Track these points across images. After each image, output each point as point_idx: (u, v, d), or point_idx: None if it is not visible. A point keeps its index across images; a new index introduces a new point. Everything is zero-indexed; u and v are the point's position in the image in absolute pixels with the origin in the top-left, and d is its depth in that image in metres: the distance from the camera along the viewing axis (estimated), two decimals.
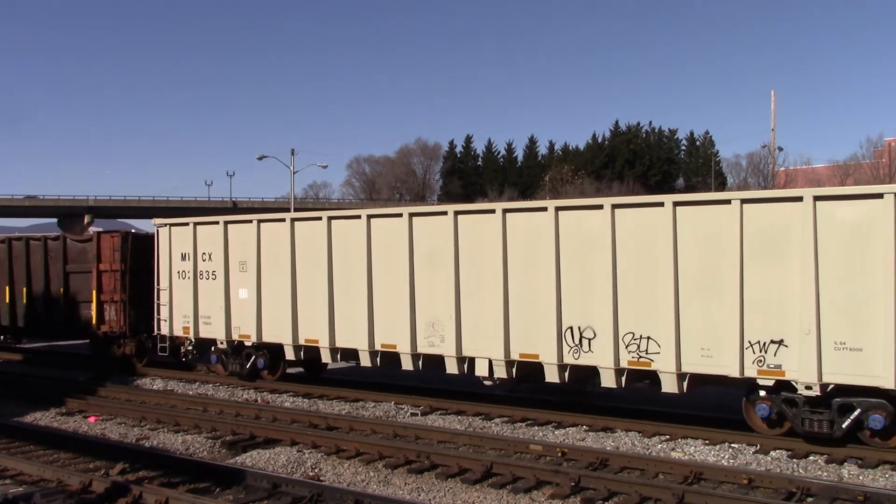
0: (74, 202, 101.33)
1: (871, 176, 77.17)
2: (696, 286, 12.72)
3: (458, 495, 10.40)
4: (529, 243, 14.23)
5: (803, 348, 11.85)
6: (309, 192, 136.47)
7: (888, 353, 11.23)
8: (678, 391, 13.01)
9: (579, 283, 13.74)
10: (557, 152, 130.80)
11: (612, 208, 13.47)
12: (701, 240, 12.70)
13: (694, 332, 12.74)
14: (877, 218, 11.39)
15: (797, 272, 11.93)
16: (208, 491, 10.51)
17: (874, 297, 11.39)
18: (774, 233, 12.16)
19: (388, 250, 15.97)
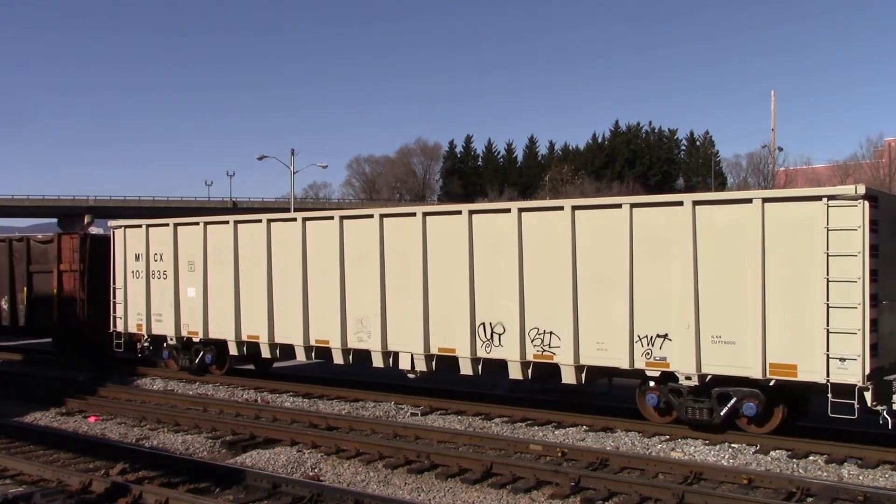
0: (74, 202, 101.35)
1: (872, 176, 77.17)
2: (592, 285, 13.72)
3: (458, 495, 10.40)
4: (447, 245, 15.18)
5: (684, 342, 12.86)
6: (309, 192, 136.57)
7: (756, 346, 12.28)
8: (576, 382, 14.02)
9: (491, 281, 14.70)
10: (557, 152, 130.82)
11: (518, 212, 14.49)
12: (596, 241, 13.71)
13: (590, 328, 13.74)
14: (747, 222, 12.44)
15: (679, 271, 12.93)
16: (208, 491, 10.51)
17: (745, 294, 12.42)
18: (660, 235, 13.17)
19: (321, 251, 16.96)
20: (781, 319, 12.21)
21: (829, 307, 11.80)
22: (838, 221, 11.82)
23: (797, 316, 12.10)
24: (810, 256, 12.00)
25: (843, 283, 11.75)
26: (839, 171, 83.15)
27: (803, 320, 12.05)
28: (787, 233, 12.23)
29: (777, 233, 12.27)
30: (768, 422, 12.86)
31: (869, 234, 11.69)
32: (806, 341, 12.00)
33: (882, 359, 12.08)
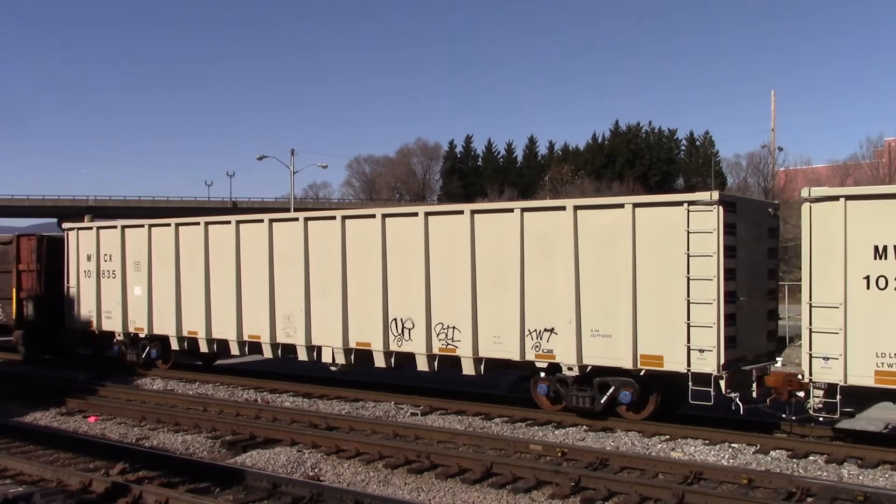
0: (74, 202, 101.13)
1: (871, 176, 77.05)
2: (489, 283, 14.94)
3: (458, 495, 10.40)
4: (364, 247, 16.42)
5: (568, 335, 14.07)
6: (309, 192, 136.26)
7: (629, 339, 13.46)
8: (475, 374, 15.19)
9: (403, 280, 15.91)
10: (557, 152, 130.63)
11: (425, 216, 15.71)
12: (493, 243, 14.90)
13: (488, 323, 14.98)
14: (621, 225, 13.60)
15: (563, 271, 14.09)
16: (208, 491, 10.51)
17: (620, 291, 13.59)
18: (547, 238, 14.34)
19: (253, 252, 18.18)
20: (650, 315, 13.37)
21: (690, 303, 12.94)
22: (697, 225, 12.92)
23: (664, 311, 13.24)
24: (674, 257, 13.12)
25: (701, 281, 12.87)
26: (839, 171, 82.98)
27: (669, 315, 13.18)
28: (655, 235, 13.35)
29: (646, 235, 13.42)
30: (644, 409, 14.02)
31: (724, 236, 12.76)
32: (671, 334, 13.15)
33: (741, 350, 13.25)
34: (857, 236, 11.71)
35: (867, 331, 11.62)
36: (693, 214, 13.01)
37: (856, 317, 11.71)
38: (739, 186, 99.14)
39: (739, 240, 13.33)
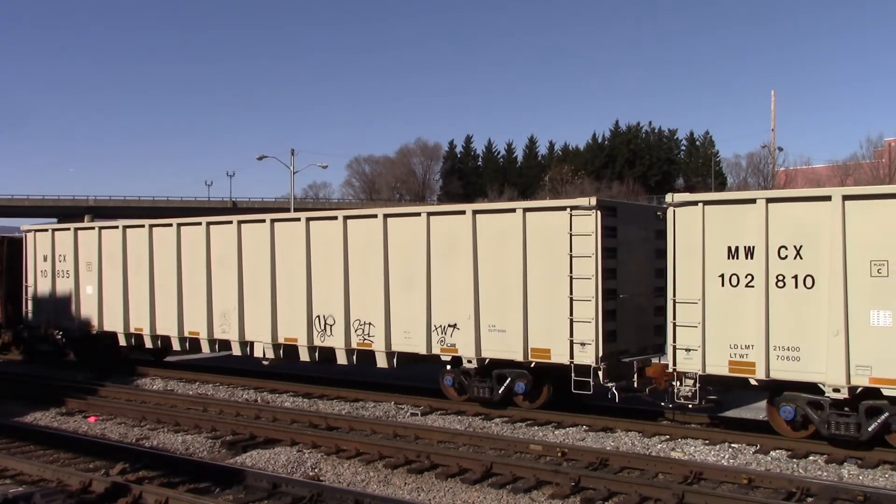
0: (74, 202, 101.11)
1: (872, 176, 77.06)
2: (401, 282, 15.99)
3: (458, 495, 10.40)
4: (290, 247, 17.49)
5: (468, 330, 15.12)
6: (309, 192, 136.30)
7: (520, 334, 14.53)
8: (388, 366, 16.27)
9: (325, 279, 16.98)
10: (557, 152, 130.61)
11: (343, 220, 16.84)
12: (403, 245, 15.97)
13: (399, 319, 16.04)
14: (513, 228, 14.68)
15: (464, 270, 15.16)
16: (208, 491, 10.51)
17: (513, 289, 14.65)
18: (450, 240, 15.40)
19: (193, 253, 19.24)
20: (539, 311, 14.47)
21: (573, 300, 14.05)
22: (578, 228, 14.03)
23: (551, 308, 14.33)
24: (559, 257, 14.22)
25: (582, 280, 13.99)
26: (839, 171, 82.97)
27: (555, 312, 14.27)
28: (543, 237, 14.45)
29: (535, 238, 14.53)
30: (538, 398, 15.10)
31: (602, 238, 13.87)
32: (557, 329, 14.24)
33: (622, 344, 14.38)
34: (714, 238, 12.75)
35: (722, 324, 12.68)
36: (575, 218, 14.09)
37: (712, 311, 12.75)
38: (740, 186, 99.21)
39: (621, 241, 14.42)
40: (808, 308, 12.08)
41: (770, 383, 12.53)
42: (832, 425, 12.10)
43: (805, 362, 12.10)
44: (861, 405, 11.95)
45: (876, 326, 11.61)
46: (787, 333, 12.24)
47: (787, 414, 12.53)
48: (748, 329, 12.48)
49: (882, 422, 11.85)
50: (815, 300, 12.03)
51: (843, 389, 11.78)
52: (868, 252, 11.70)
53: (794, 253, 12.21)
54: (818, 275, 12.03)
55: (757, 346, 12.38)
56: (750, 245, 12.49)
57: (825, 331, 11.90)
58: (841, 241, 11.81)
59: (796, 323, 12.17)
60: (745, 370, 12.51)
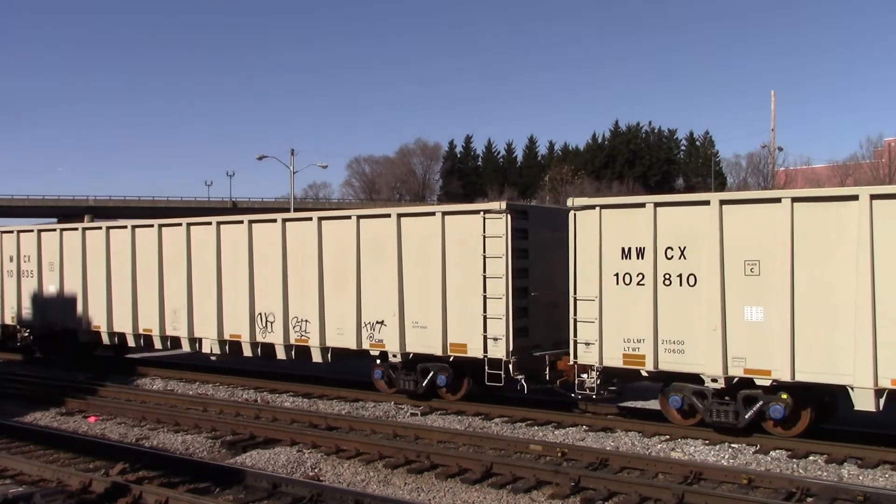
0: (74, 202, 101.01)
1: (871, 176, 77.07)
2: (334, 281, 16.97)
3: (458, 495, 10.40)
4: (234, 248, 18.52)
5: (393, 327, 16.09)
6: (309, 192, 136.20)
7: (439, 330, 15.50)
8: (322, 361, 17.28)
9: (265, 278, 17.99)
10: (557, 152, 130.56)
11: (283, 222, 17.83)
12: (337, 246, 16.98)
13: (333, 317, 17.02)
14: (434, 230, 15.72)
15: (390, 270, 16.10)
16: (208, 491, 10.51)
17: (433, 288, 15.62)
18: (378, 241, 16.38)
19: (146, 254, 20.30)
20: (457, 308, 15.43)
21: (486, 298, 15.00)
22: (490, 230, 14.96)
23: (467, 305, 15.29)
24: (474, 258, 15.14)
25: (494, 279, 14.92)
26: (839, 171, 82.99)
27: (470, 309, 15.22)
28: (460, 239, 15.41)
29: (453, 239, 15.51)
30: (459, 391, 16.04)
31: (512, 240, 14.81)
32: (472, 325, 15.18)
33: (534, 339, 15.24)
34: (610, 239, 13.70)
35: (616, 320, 13.62)
36: (487, 221, 15.02)
37: (608, 308, 13.71)
38: (740, 186, 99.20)
39: (533, 242, 15.35)
40: (691, 304, 12.97)
41: (659, 374, 13.44)
42: (714, 413, 12.98)
43: (688, 354, 13.00)
44: (739, 394, 12.84)
45: (749, 321, 12.49)
46: (673, 328, 13.15)
47: (675, 403, 13.43)
48: (639, 324, 13.37)
49: (757, 409, 12.71)
50: (697, 297, 12.93)
51: (721, 380, 12.66)
52: (742, 252, 12.56)
53: (679, 253, 13.13)
54: (700, 274, 12.93)
55: (647, 339, 13.29)
56: (641, 246, 13.41)
57: (706, 325, 12.79)
58: (718, 243, 12.70)
59: (681, 318, 13.07)
60: (637, 362, 13.44)
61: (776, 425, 12.81)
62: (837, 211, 11.97)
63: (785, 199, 12.28)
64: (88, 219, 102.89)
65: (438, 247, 15.56)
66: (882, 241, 11.57)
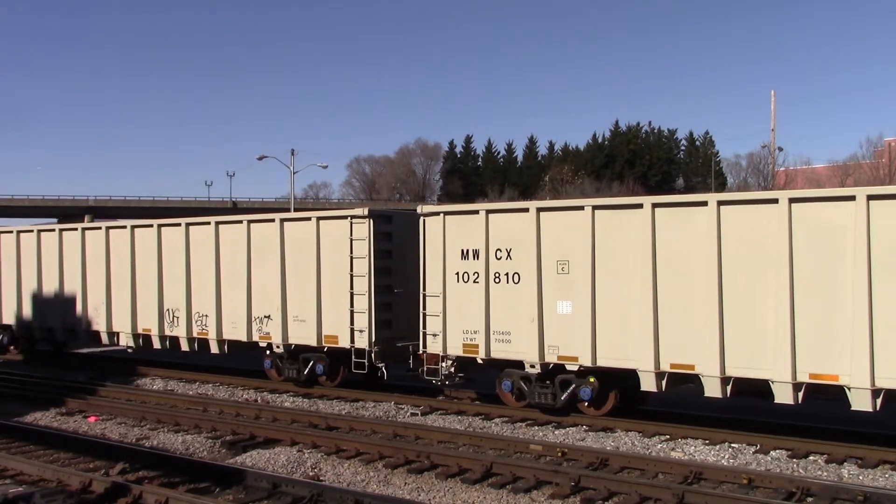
0: (74, 202, 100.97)
1: (871, 176, 77.04)
2: (229, 279, 18.69)
3: (458, 495, 10.40)
4: (146, 251, 20.28)
5: (277, 320, 17.85)
6: (309, 192, 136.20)
7: (315, 323, 17.31)
8: (220, 353, 19.10)
9: (172, 276, 19.63)
10: (557, 152, 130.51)
11: (186, 226, 19.59)
12: (232, 247, 18.66)
13: (228, 312, 18.78)
14: (309, 233, 17.40)
15: (274, 270, 17.95)
16: (208, 491, 10.51)
17: (310, 285, 17.34)
18: (266, 243, 18.15)
19: (71, 255, 21.81)
20: (330, 304, 17.11)
21: (353, 294, 16.72)
22: (357, 234, 16.71)
23: (338, 301, 16.97)
24: (344, 258, 16.87)
25: (359, 277, 16.64)
26: (839, 171, 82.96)
27: (341, 304, 16.88)
28: (332, 242, 17.10)
29: (326, 242, 17.21)
30: (336, 378, 17.71)
31: (375, 242, 16.56)
32: (342, 319, 16.87)
33: (398, 331, 16.69)
34: (452, 242, 15.38)
35: (457, 313, 15.28)
36: (354, 225, 16.78)
37: (450, 303, 15.36)
38: (740, 186, 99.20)
39: (397, 244, 16.96)
40: (516, 299, 14.64)
41: (491, 362, 15.11)
42: (537, 395, 14.64)
43: (514, 344, 14.70)
44: (556, 378, 14.46)
45: (561, 314, 14.19)
46: (501, 320, 14.86)
47: (506, 387, 15.05)
48: (475, 317, 15.05)
49: (571, 392, 14.32)
50: (521, 293, 14.58)
51: (538, 365, 14.37)
52: (555, 254, 14.28)
53: (506, 255, 14.83)
54: (522, 272, 14.59)
55: (481, 331, 14.99)
56: (476, 248, 15.11)
57: (527, 318, 14.42)
58: (536, 245, 14.36)
59: (508, 312, 14.76)
60: (473, 351, 15.12)
61: (589, 406, 14.38)
62: (629, 218, 13.58)
63: (587, 206, 14.01)
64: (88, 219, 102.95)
65: (314, 249, 17.28)
66: (663, 245, 13.21)
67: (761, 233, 12.40)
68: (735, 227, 12.62)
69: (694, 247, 12.93)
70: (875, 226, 11.55)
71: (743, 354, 12.49)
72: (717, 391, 12.69)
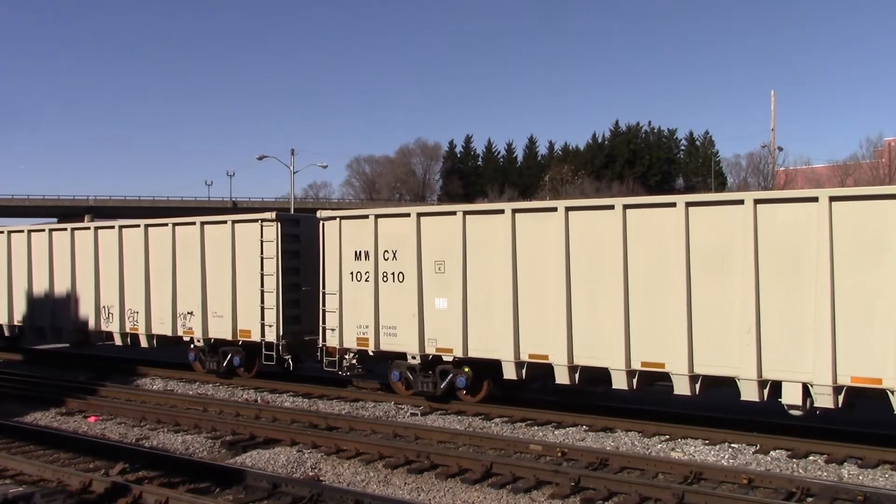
0: (74, 202, 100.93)
1: (871, 176, 77.03)
2: (157, 278, 20.03)
3: (457, 495, 10.40)
4: (84, 253, 21.56)
5: (199, 316, 19.30)
6: (309, 192, 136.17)
7: (230, 319, 18.72)
8: (148, 346, 20.45)
9: (109, 275, 20.92)
10: (557, 152, 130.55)
11: (119, 229, 20.94)
12: (160, 249, 19.99)
13: (156, 308, 20.11)
14: (226, 236, 18.81)
15: (194, 269, 19.30)
16: (208, 491, 10.51)
17: (227, 284, 18.76)
18: (188, 244, 19.56)
19: (18, 257, 23.26)
20: (244, 301, 18.54)
21: (263, 292, 18.17)
22: (266, 236, 18.13)
23: (251, 298, 18.36)
24: (255, 259, 18.26)
25: (269, 276, 18.07)
26: (839, 171, 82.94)
27: (253, 301, 18.33)
28: (245, 244, 18.52)
29: (241, 244, 18.58)
30: (252, 369, 19.23)
31: (282, 244, 17.98)
32: (254, 315, 18.38)
33: (306, 326, 17.99)
34: (347, 244, 16.70)
35: (352, 310, 16.62)
36: (264, 228, 18.16)
37: (346, 300, 16.70)
38: (740, 186, 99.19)
39: (304, 245, 18.24)
40: (401, 296, 15.92)
41: (381, 354, 16.40)
42: (420, 384, 15.90)
43: (400, 337, 16.00)
44: (436, 368, 15.73)
45: (438, 310, 15.49)
46: (388, 316, 16.18)
47: (395, 377, 16.39)
48: (367, 313, 16.38)
49: (449, 380, 15.58)
50: (405, 291, 15.86)
51: (418, 357, 15.69)
52: (433, 255, 15.56)
53: (392, 256, 16.14)
54: (406, 272, 15.85)
55: (371, 326, 16.32)
56: (367, 250, 16.41)
57: (409, 313, 15.72)
58: (416, 247, 15.66)
59: (394, 308, 16.04)
60: (365, 344, 16.45)
61: (467, 393, 15.74)
62: (493, 223, 14.83)
63: (459, 212, 15.29)
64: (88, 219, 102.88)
65: (230, 250, 18.66)
66: (523, 247, 14.45)
67: (600, 237, 13.66)
68: (581, 231, 13.89)
69: (547, 249, 14.14)
70: (693, 231, 12.74)
71: (587, 346, 13.81)
72: (566, 378, 13.97)
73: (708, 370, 12.68)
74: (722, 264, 12.55)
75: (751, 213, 12.25)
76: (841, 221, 11.65)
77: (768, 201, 12.42)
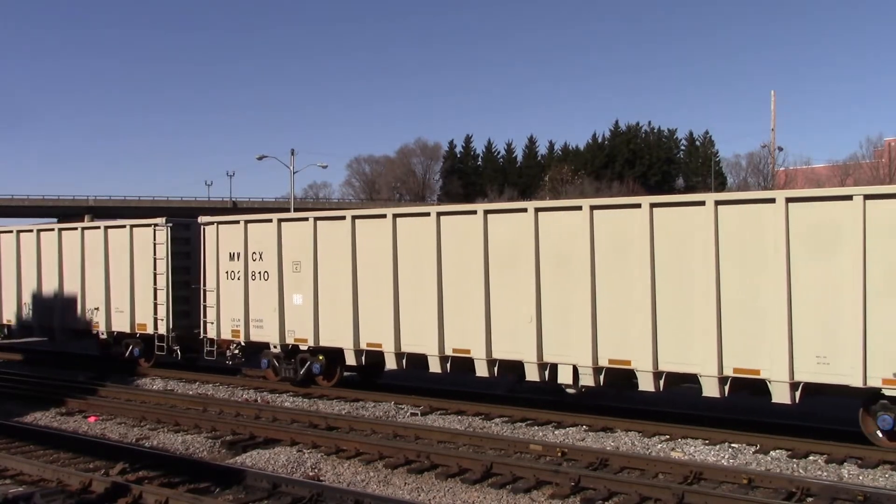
0: (74, 202, 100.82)
1: (871, 176, 77.08)
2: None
3: (458, 495, 10.40)
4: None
5: (103, 312, 21.25)
6: (309, 192, 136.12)
7: (130, 314, 20.84)
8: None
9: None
10: (557, 152, 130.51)
11: (37, 232, 22.96)
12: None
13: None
14: (125, 240, 20.91)
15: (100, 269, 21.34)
16: (208, 491, 10.51)
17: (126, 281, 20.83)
18: (96, 247, 21.43)
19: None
20: (141, 297, 20.58)
21: (156, 290, 20.28)
22: (158, 239, 20.30)
23: (147, 295, 20.46)
24: (150, 260, 20.34)
25: (160, 275, 20.24)
26: (839, 171, 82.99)
27: (149, 298, 20.39)
28: (143, 246, 20.40)
29: (138, 246, 20.59)
30: (151, 359, 21.27)
31: (172, 246, 20.18)
32: (150, 311, 20.48)
33: (194, 320, 19.81)
34: (223, 246, 18.82)
35: (226, 305, 18.74)
36: (157, 232, 20.31)
37: (222, 296, 18.80)
38: (740, 186, 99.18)
39: (194, 248, 20.13)
40: (266, 293, 17.98)
41: (251, 344, 18.52)
42: (284, 371, 18.00)
43: (265, 329, 18.03)
44: (297, 357, 17.83)
45: (295, 304, 17.56)
46: (256, 310, 18.20)
47: (264, 364, 18.52)
48: (238, 308, 18.46)
49: (307, 368, 17.66)
50: (268, 287, 17.95)
51: (279, 346, 17.82)
52: (291, 255, 17.63)
53: (259, 256, 18.24)
54: (270, 271, 17.96)
55: (242, 319, 18.41)
56: (239, 251, 18.52)
57: (272, 308, 17.78)
58: (277, 249, 17.76)
59: (260, 303, 18.10)
60: (237, 336, 18.56)
61: (323, 379, 17.66)
62: (338, 227, 16.87)
63: (310, 217, 17.37)
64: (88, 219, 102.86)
65: (128, 251, 20.77)
66: (361, 249, 16.55)
67: (421, 238, 15.64)
68: (406, 234, 15.91)
69: (382, 249, 16.15)
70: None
71: (412, 334, 15.85)
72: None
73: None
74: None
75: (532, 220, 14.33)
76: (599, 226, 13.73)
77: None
